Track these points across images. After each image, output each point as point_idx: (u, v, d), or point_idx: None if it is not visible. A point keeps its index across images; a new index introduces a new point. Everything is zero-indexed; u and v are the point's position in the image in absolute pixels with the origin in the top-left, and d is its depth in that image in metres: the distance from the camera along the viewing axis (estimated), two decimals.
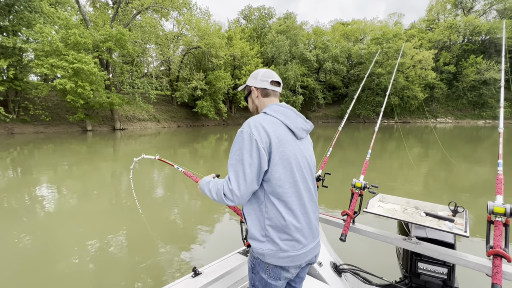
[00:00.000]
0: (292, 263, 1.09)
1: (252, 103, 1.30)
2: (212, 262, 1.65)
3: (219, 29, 32.82)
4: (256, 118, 1.11)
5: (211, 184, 1.16)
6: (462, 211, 1.67)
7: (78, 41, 17.68)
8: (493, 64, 37.21)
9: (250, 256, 1.20)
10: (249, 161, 1.03)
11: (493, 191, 1.46)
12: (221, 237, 3.89)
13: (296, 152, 1.12)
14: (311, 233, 1.14)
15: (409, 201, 1.93)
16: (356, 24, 47.26)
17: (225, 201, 1.08)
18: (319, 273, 1.97)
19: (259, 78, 1.25)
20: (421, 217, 1.70)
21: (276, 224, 1.07)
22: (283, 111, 1.16)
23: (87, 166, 8.90)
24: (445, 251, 1.48)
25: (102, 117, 24.24)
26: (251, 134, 1.04)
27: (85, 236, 3.73)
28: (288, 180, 1.08)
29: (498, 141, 1.69)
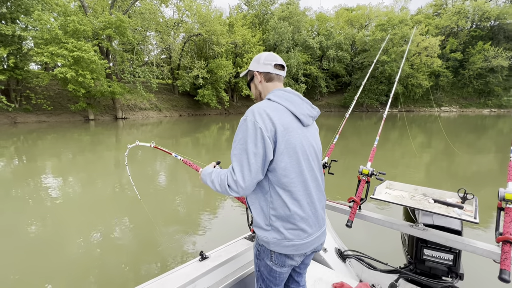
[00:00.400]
0: (297, 252, 1.08)
1: (255, 88, 1.24)
2: (219, 247, 1.68)
3: (220, 16, 32.05)
4: (260, 105, 1.05)
5: (214, 175, 1.11)
6: (471, 198, 1.65)
7: (77, 28, 17.41)
8: (501, 51, 36.20)
9: (255, 242, 1.21)
10: (254, 150, 0.98)
11: (498, 180, 1.45)
12: (227, 223, 3.97)
13: (303, 140, 1.09)
14: (316, 222, 1.13)
15: (417, 188, 1.91)
16: (361, 9, 45.88)
17: (230, 192, 1.04)
18: (324, 259, 2.00)
19: (262, 61, 1.19)
20: (429, 204, 1.68)
21: (280, 214, 1.05)
22: (288, 97, 1.11)
23: (90, 155, 8.97)
24: (453, 237, 1.47)
25: (104, 106, 24.20)
26: (255, 122, 1.00)
27: (91, 223, 3.81)
28: (294, 170, 1.05)
29: (503, 130, 1.64)
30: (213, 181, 1.10)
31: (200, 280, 1.42)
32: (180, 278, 1.36)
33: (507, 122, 21.51)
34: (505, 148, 10.29)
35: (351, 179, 5.71)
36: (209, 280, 1.46)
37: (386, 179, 1.97)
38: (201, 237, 3.46)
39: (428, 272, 1.74)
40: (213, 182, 1.10)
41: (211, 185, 1.12)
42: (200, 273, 1.41)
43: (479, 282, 2.11)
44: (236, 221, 3.99)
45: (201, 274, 1.42)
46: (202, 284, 1.42)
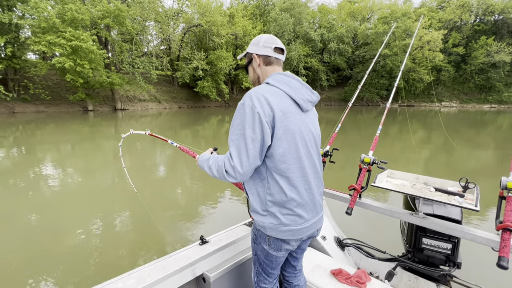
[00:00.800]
0: (293, 237, 1.09)
1: (253, 72, 1.20)
2: (219, 232, 1.71)
3: (220, 6, 31.51)
4: (258, 89, 1.03)
5: (211, 161, 1.10)
6: (473, 187, 1.65)
7: (75, 17, 17.12)
8: (504, 46, 35.84)
9: (253, 227, 1.22)
10: (252, 136, 0.97)
11: (496, 174, 1.46)
12: (227, 210, 4.03)
13: (301, 125, 1.07)
14: (314, 208, 1.13)
15: (419, 177, 1.91)
16: (364, 1, 45.13)
17: (227, 178, 1.02)
18: (323, 247, 2.03)
19: (261, 44, 1.14)
20: (430, 192, 1.69)
21: (277, 199, 1.05)
22: (288, 81, 1.08)
23: (89, 145, 8.96)
24: (453, 225, 1.48)
25: (103, 97, 24.04)
26: (253, 107, 0.97)
27: (90, 213, 3.84)
28: (292, 156, 1.04)
29: (502, 126, 1.64)
30: (210, 167, 1.09)
31: (200, 263, 1.45)
32: (181, 261, 1.39)
33: (507, 118, 21.50)
34: (503, 144, 10.32)
35: (350, 170, 5.73)
36: (208, 263, 1.49)
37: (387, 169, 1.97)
38: (201, 224, 3.52)
39: (426, 261, 1.76)
40: (211, 168, 1.09)
41: (208, 171, 1.11)
42: (200, 256, 1.44)
43: (476, 271, 2.15)
44: (235, 208, 4.04)
45: (201, 257, 1.45)
46: (201, 267, 1.46)
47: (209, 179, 5.57)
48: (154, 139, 10.46)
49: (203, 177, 5.68)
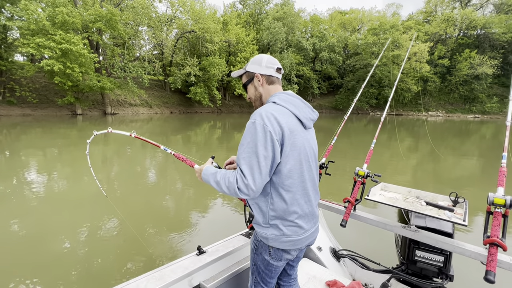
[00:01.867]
0: (294, 246, 1.14)
1: (255, 90, 1.23)
2: (216, 242, 1.71)
3: (214, 13, 31.82)
4: (267, 109, 1.06)
5: (219, 176, 1.09)
6: (462, 202, 1.69)
7: (66, 20, 16.93)
8: (486, 59, 37.55)
9: (253, 238, 1.24)
10: (264, 154, 1.00)
11: (480, 183, 1.51)
12: (224, 219, 3.99)
13: (305, 142, 1.13)
14: (312, 218, 1.18)
15: (411, 191, 1.96)
16: (354, 13, 46.61)
17: (239, 194, 1.03)
18: (319, 257, 2.04)
19: (264, 64, 1.20)
20: (421, 206, 1.74)
21: (280, 214, 1.09)
22: (292, 101, 1.13)
23: (77, 150, 8.75)
24: (443, 239, 1.52)
25: (93, 101, 23.63)
26: (265, 126, 1.01)
27: (76, 221, 3.72)
28: (296, 171, 1.09)
29: (486, 135, 1.71)
30: (218, 182, 1.08)
31: (197, 273, 1.45)
32: (177, 271, 1.39)
33: (490, 128, 22.34)
34: (487, 153, 10.70)
35: (339, 179, 5.80)
36: (206, 273, 1.49)
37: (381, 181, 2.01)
38: (196, 234, 3.46)
39: (419, 273, 1.78)
40: (219, 184, 1.08)
41: (215, 185, 1.10)
42: (197, 267, 1.45)
43: (468, 284, 2.15)
44: (232, 218, 4.01)
45: (198, 268, 1.45)
46: (198, 277, 1.46)
47: (203, 188, 5.52)
48: (145, 144, 10.32)
49: (197, 185, 5.63)
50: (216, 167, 1.26)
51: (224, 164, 1.39)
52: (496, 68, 37.65)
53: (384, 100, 39.83)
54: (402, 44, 37.27)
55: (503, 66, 39.71)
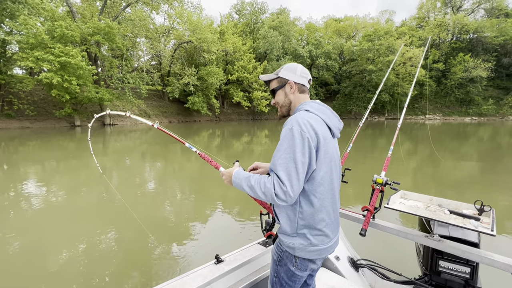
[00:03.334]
0: (320, 256, 1.14)
1: (285, 96, 1.24)
2: (234, 251, 1.71)
3: (211, 24, 32.31)
4: (303, 116, 1.08)
5: (253, 181, 1.06)
6: (488, 210, 1.62)
7: (64, 33, 17.13)
8: (480, 62, 38.10)
9: (276, 248, 1.22)
10: (302, 159, 1.00)
11: (482, 188, 1.47)
12: (239, 228, 3.95)
13: (334, 150, 1.16)
14: (336, 227, 1.20)
15: (432, 199, 1.90)
16: (348, 20, 47.44)
17: (276, 200, 1.02)
18: (337, 267, 1.98)
19: (299, 73, 1.22)
20: (444, 215, 1.67)
21: (309, 222, 1.09)
22: (323, 110, 1.16)
23: (75, 162, 8.70)
24: (469, 249, 1.45)
25: (91, 112, 23.66)
26: (302, 132, 1.02)
27: (78, 233, 3.66)
28: (327, 179, 1.11)
29: (483, 137, 1.69)
30: (252, 187, 1.06)
31: (216, 282, 1.46)
32: (198, 280, 1.40)
33: (487, 130, 22.46)
34: (486, 156, 10.71)
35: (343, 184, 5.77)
36: (224, 283, 1.49)
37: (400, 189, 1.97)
38: (210, 243, 3.46)
39: (444, 285, 1.70)
40: (253, 188, 1.06)
41: (249, 190, 1.08)
42: (216, 276, 1.46)
43: None
44: (247, 226, 3.98)
45: (217, 277, 1.46)
46: (218, 286, 1.46)
47: (210, 196, 5.48)
48: (145, 153, 10.29)
49: (204, 193, 5.59)
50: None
51: (248, 169, 1.38)
52: (490, 71, 38.16)
53: (381, 104, 40.15)
54: (396, 50, 37.81)
55: (497, 68, 40.26)
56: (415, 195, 1.98)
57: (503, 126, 27.50)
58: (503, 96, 40.44)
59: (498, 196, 5.39)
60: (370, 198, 1.80)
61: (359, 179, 5.93)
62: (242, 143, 13.95)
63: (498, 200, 5.10)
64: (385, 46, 37.14)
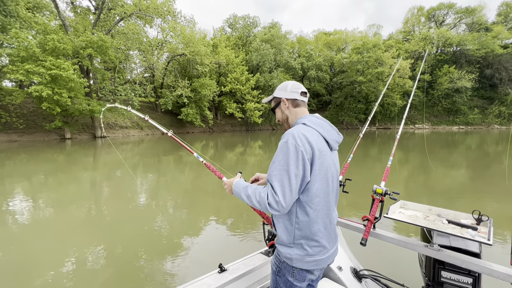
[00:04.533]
0: (318, 266, 1.16)
1: (282, 113, 1.33)
2: (237, 260, 1.72)
3: (204, 37, 32.86)
4: (299, 129, 1.12)
5: (250, 191, 1.14)
6: (486, 220, 1.64)
7: (56, 46, 17.10)
8: (464, 73, 39.68)
9: (275, 259, 1.24)
10: (295, 172, 1.05)
11: (472, 195, 1.49)
12: (241, 238, 3.91)
13: (331, 163, 1.18)
14: (334, 237, 1.22)
15: (431, 208, 1.92)
16: (338, 34, 48.99)
17: (269, 209, 1.08)
18: (339, 277, 1.96)
19: (289, 89, 1.30)
20: (443, 225, 1.68)
21: (306, 233, 1.12)
22: (320, 123, 1.20)
23: (64, 175, 8.48)
24: (468, 259, 1.45)
25: (82, 125, 23.34)
26: (297, 145, 1.06)
27: (66, 251, 3.52)
28: (323, 190, 1.13)
29: (471, 146, 1.74)
30: (249, 196, 1.14)
31: None
32: None
33: (474, 139, 23.11)
34: (475, 164, 10.95)
35: None
36: None
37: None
38: (212, 251, 3.47)
39: None
40: (250, 197, 1.13)
41: (246, 199, 1.15)
42: (220, 284, 1.47)
43: None
44: (247, 236, 3.94)
45: (221, 286, 1.47)
46: None
47: (215, 206, 5.40)
48: (137, 165, 10.12)
49: (208, 204, 5.50)
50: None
51: (249, 180, 1.45)
52: (474, 81, 39.74)
53: (373, 115, 40.92)
54: (385, 62, 39.08)
55: (480, 79, 41.98)
56: (414, 205, 2.00)
57: (489, 134, 28.36)
58: (487, 105, 41.98)
59: (490, 204, 5.48)
60: (370, 208, 1.81)
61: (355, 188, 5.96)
62: (236, 154, 13.92)
63: (491, 207, 5.19)
64: (374, 59, 38.35)
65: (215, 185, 7.27)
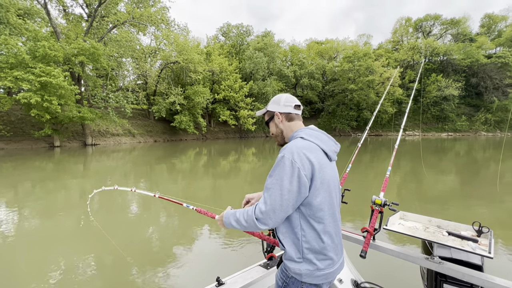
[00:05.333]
0: (327, 280, 1.13)
1: (276, 127, 1.31)
2: (235, 273, 1.68)
3: (197, 45, 33.08)
4: (297, 144, 1.11)
5: (238, 213, 1.14)
6: (487, 232, 1.60)
7: (47, 53, 16.89)
8: (451, 82, 40.97)
9: (281, 274, 1.20)
10: (288, 187, 1.03)
11: (464, 201, 1.48)
12: (239, 249, 3.83)
13: (332, 174, 1.16)
14: (340, 249, 1.20)
15: (431, 220, 1.89)
16: (329, 43, 50.09)
17: (258, 225, 1.06)
18: None
19: (282, 103, 1.28)
20: (443, 236, 1.65)
21: (314, 246, 1.09)
22: (318, 136, 1.18)
23: (53, 184, 8.24)
24: (470, 272, 1.42)
25: (72, 132, 22.91)
26: (293, 162, 1.04)
27: (53, 262, 3.38)
28: (326, 203, 1.11)
29: (460, 152, 1.75)
30: (238, 220, 1.13)
31: None
32: None
33: (463, 145, 23.68)
34: (464, 170, 11.18)
35: None
36: None
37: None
38: (210, 264, 3.34)
39: None
40: (239, 220, 1.12)
41: (236, 224, 1.14)
42: None
43: None
44: (245, 248, 3.84)
45: None
46: None
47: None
48: None
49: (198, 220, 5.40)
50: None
51: (242, 205, 1.43)
52: (461, 90, 41.05)
53: (363, 121, 41.76)
54: (375, 70, 40.02)
55: (466, 88, 43.41)
56: (414, 216, 1.97)
57: (476, 141, 29.13)
58: (474, 113, 43.31)
59: (480, 210, 5.57)
60: (369, 219, 1.78)
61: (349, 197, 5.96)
62: (229, 161, 13.84)
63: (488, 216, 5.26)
64: (364, 67, 39.25)
65: (210, 193, 7.17)
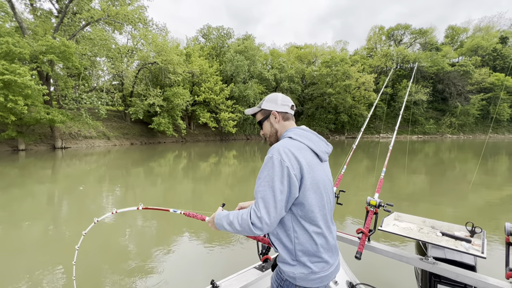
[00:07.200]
0: (322, 283, 1.10)
1: (271, 126, 1.27)
2: (229, 276, 1.65)
3: (177, 46, 32.45)
4: (284, 144, 1.08)
5: (232, 216, 1.09)
6: (479, 232, 1.62)
7: (11, 50, 15.69)
8: (420, 87, 43.75)
9: (276, 277, 1.19)
10: (280, 188, 1.00)
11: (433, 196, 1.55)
12: (234, 251, 3.78)
13: (323, 175, 1.14)
14: (335, 251, 1.17)
15: (425, 220, 1.89)
16: (308, 48, 51.38)
17: (253, 230, 1.02)
18: None
19: (280, 102, 1.25)
20: (437, 237, 1.66)
21: (307, 248, 1.07)
22: (307, 136, 1.16)
23: (17, 190, 7.62)
24: (463, 272, 1.42)
25: (40, 135, 21.41)
26: (282, 161, 1.02)
27: (21, 271, 3.11)
28: (318, 204, 1.09)
29: (429, 153, 1.84)
30: (231, 223, 1.08)
31: None
32: None
33: (431, 147, 25.30)
34: (434, 170, 11.92)
35: None
36: None
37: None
38: (212, 264, 3.30)
39: None
40: (232, 224, 1.08)
41: (229, 227, 1.10)
42: None
43: None
44: (240, 250, 3.80)
45: None
46: None
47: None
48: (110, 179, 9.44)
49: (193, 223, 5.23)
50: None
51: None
52: (429, 95, 43.98)
53: (341, 124, 43.25)
54: (351, 75, 41.67)
55: (433, 93, 46.58)
56: (408, 216, 1.98)
57: (443, 143, 31.27)
58: (440, 117, 46.57)
59: (449, 208, 5.96)
60: (364, 220, 1.79)
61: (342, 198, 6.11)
62: (210, 164, 13.66)
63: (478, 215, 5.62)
64: (342, 72, 40.73)
65: (190, 196, 7.02)
